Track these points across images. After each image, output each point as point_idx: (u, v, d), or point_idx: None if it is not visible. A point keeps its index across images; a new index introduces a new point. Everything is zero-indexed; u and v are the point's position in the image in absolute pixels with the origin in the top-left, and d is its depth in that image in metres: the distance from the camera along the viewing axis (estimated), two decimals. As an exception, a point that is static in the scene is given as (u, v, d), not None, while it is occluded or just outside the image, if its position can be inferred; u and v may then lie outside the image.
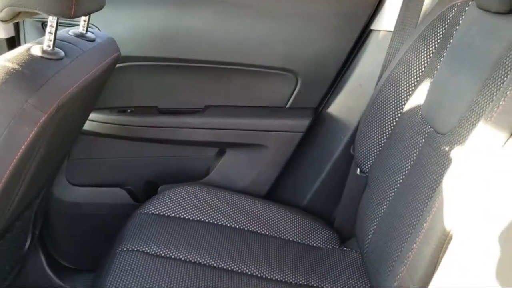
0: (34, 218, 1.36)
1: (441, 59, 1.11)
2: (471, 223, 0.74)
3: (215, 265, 1.18)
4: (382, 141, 1.24)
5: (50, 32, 0.87)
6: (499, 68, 0.88)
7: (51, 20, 0.87)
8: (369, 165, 1.27)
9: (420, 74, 1.17)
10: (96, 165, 1.56)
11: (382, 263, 1.03)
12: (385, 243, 1.05)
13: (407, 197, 1.02)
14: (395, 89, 1.22)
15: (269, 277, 1.18)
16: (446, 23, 1.13)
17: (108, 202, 1.57)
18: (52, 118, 0.82)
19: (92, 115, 1.43)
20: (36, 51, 0.87)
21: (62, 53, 0.90)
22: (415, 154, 1.07)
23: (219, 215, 1.35)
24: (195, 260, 1.18)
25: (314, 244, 1.35)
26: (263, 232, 1.34)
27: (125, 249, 1.16)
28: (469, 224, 0.75)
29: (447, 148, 0.94)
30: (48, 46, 0.88)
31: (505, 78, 0.85)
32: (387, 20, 1.41)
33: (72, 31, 1.06)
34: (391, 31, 1.36)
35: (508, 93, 0.80)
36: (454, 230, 0.79)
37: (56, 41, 0.89)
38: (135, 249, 1.16)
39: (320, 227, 1.40)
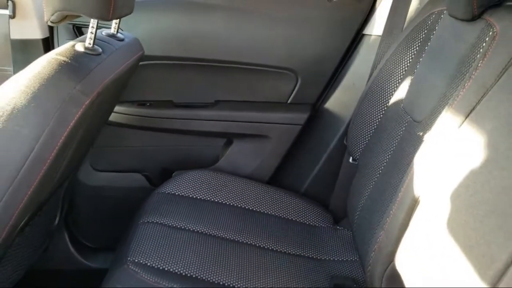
0: (62, 197, 1.54)
1: (420, 59, 1.28)
2: (433, 190, 0.92)
3: (222, 236, 1.35)
4: (371, 132, 1.41)
5: (91, 32, 1.06)
6: (463, 66, 1.06)
7: (93, 22, 1.05)
8: (359, 153, 1.45)
9: (403, 73, 1.34)
10: (117, 153, 1.73)
11: (366, 233, 1.20)
12: (369, 216, 1.22)
13: (388, 175, 1.20)
14: (382, 86, 1.40)
15: (270, 248, 1.35)
16: (425, 28, 1.31)
17: (128, 186, 1.75)
18: (93, 102, 1.00)
19: (115, 107, 1.62)
20: (80, 47, 1.05)
21: (100, 50, 1.09)
22: (396, 140, 1.24)
23: (226, 196, 1.52)
24: (206, 232, 1.35)
25: (311, 223, 1.52)
26: (265, 211, 1.52)
27: (145, 221, 1.34)
28: (431, 191, 0.93)
29: (420, 133, 1.12)
30: (89, 43, 1.06)
31: (466, 74, 1.03)
32: (377, 26, 1.59)
33: (105, 31, 1.24)
34: (380, 36, 1.54)
35: (466, 85, 0.98)
36: (421, 196, 0.97)
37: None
38: (154, 221, 1.34)
39: (317, 209, 1.57)
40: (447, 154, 0.92)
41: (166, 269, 1.16)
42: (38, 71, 0.95)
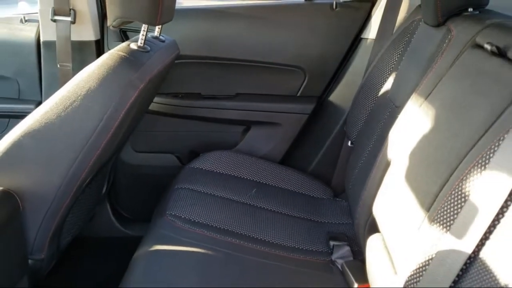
0: (109, 171, 1.86)
1: (403, 58, 1.58)
2: (399, 153, 1.22)
3: (240, 201, 1.65)
4: (364, 118, 1.71)
5: (142, 34, 1.38)
6: (430, 62, 1.35)
7: (144, 27, 1.37)
8: (355, 136, 1.74)
9: (391, 69, 1.64)
10: (153, 136, 2.06)
11: (356, 197, 1.50)
12: (359, 183, 1.52)
13: (374, 151, 1.50)
14: (374, 81, 1.70)
15: (279, 211, 1.65)
16: (408, 33, 1.60)
17: (161, 165, 2.07)
18: (144, 88, 1.33)
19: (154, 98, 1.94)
20: (134, 46, 1.38)
21: (149, 48, 1.41)
22: (382, 123, 1.53)
23: (244, 172, 1.83)
24: (227, 197, 1.65)
25: (314, 195, 1.82)
26: (276, 185, 1.82)
27: (179, 187, 1.66)
28: (398, 154, 1.22)
29: (398, 115, 1.41)
30: (141, 43, 1.39)
31: (433, 68, 1.32)
32: (372, 31, 1.89)
33: (150, 34, 1.57)
34: (374, 39, 1.84)
35: (428, 76, 1.28)
36: (392, 159, 1.27)
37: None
38: (186, 188, 1.66)
39: (320, 184, 1.87)
40: (410, 126, 1.22)
41: (196, 221, 1.47)
42: (105, 63, 1.27)
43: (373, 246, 1.24)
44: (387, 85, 1.61)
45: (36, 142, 1.23)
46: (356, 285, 1.28)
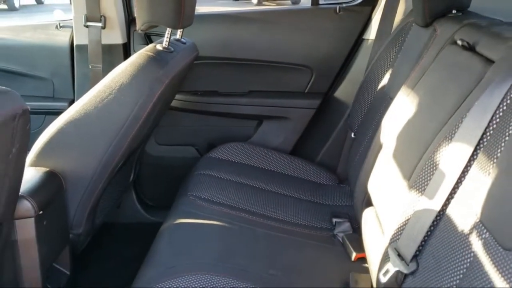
0: (135, 161, 2.07)
1: (398, 56, 1.76)
2: (389, 136, 1.40)
3: (254, 185, 1.84)
4: (364, 111, 1.89)
5: (167, 37, 1.59)
6: (421, 58, 1.54)
7: (168, 30, 1.58)
8: (356, 127, 1.93)
9: (388, 66, 1.82)
10: (175, 131, 2.27)
11: (355, 178, 1.68)
12: (358, 167, 1.70)
13: (371, 137, 1.68)
14: (373, 77, 1.88)
15: (287, 194, 1.83)
16: (403, 34, 1.78)
17: (182, 156, 2.28)
18: (169, 84, 1.53)
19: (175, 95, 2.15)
20: (159, 47, 1.58)
21: (172, 49, 1.61)
22: (379, 114, 1.71)
23: (257, 161, 2.02)
24: (242, 182, 1.84)
25: (320, 182, 2.00)
26: (285, 173, 2.00)
27: (199, 173, 1.86)
28: (389, 137, 1.41)
29: (391, 104, 1.60)
30: (166, 44, 1.59)
31: (419, 63, 1.50)
32: (372, 32, 2.08)
33: (173, 37, 1.77)
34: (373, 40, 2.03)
35: (416, 69, 1.46)
36: (384, 142, 1.45)
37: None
38: (205, 173, 1.85)
39: (326, 172, 2.05)
40: (399, 113, 1.41)
41: (215, 200, 1.67)
42: (135, 61, 1.48)
43: (367, 218, 1.42)
44: (384, 80, 1.79)
45: (77, 130, 1.44)
46: (354, 254, 1.47)
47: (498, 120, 0.95)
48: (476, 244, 0.85)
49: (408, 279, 1.05)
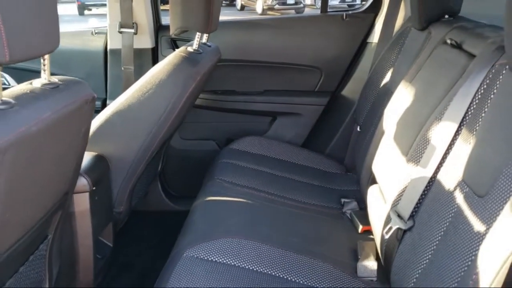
0: (163, 153, 2.29)
1: (399, 56, 1.99)
2: (390, 123, 1.63)
3: (272, 173, 2.06)
4: (369, 106, 2.12)
5: (197, 40, 1.83)
6: (417, 57, 1.77)
7: (198, 34, 1.82)
8: (362, 120, 2.16)
9: (389, 66, 2.05)
10: (197, 126, 2.50)
11: (361, 162, 1.90)
12: (364, 153, 1.92)
13: (375, 128, 1.90)
14: (377, 76, 2.11)
15: (299, 180, 2.05)
16: (403, 37, 2.02)
17: (203, 150, 2.51)
18: (199, 80, 1.76)
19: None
20: (190, 49, 1.82)
21: (201, 51, 1.85)
22: (382, 108, 1.94)
23: (272, 153, 2.24)
24: (261, 169, 2.06)
25: (330, 171, 2.23)
26: (297, 163, 2.23)
27: (222, 161, 2.08)
28: (389, 125, 1.64)
29: (391, 97, 1.82)
30: (196, 47, 1.83)
31: (416, 61, 1.73)
32: (375, 36, 2.32)
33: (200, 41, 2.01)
34: (377, 43, 2.27)
35: (413, 67, 1.69)
36: (386, 128, 1.68)
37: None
38: (227, 162, 2.07)
39: (334, 163, 2.28)
40: (399, 104, 1.64)
41: (238, 183, 1.89)
42: (171, 61, 1.72)
43: (372, 193, 1.65)
44: (387, 78, 2.03)
45: (121, 119, 1.67)
46: (360, 227, 1.69)
47: (477, 101, 1.18)
48: (459, 197, 1.08)
49: (406, 234, 1.27)
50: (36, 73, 1.05)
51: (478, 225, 0.98)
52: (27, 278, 1.28)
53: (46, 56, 1.07)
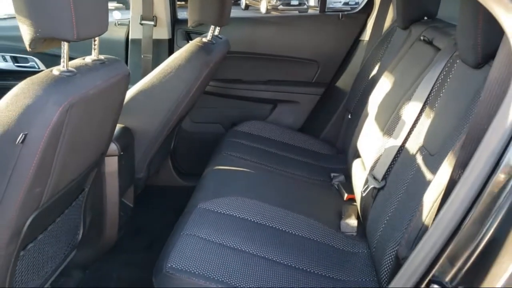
0: (176, 133, 2.58)
1: (385, 52, 2.29)
2: (373, 107, 1.93)
3: (272, 151, 2.36)
4: (358, 95, 2.42)
5: (211, 32, 2.12)
6: (399, 52, 2.06)
7: (212, 27, 2.11)
8: (352, 108, 2.45)
9: (377, 61, 2.34)
10: (206, 111, 2.78)
11: (349, 141, 2.20)
12: (351, 135, 2.21)
13: (362, 113, 2.20)
14: (366, 70, 2.40)
15: (297, 159, 2.34)
16: (390, 36, 2.31)
17: (211, 132, 2.79)
18: (212, 67, 2.05)
19: (208, 82, 2.68)
20: (205, 39, 2.12)
21: (214, 42, 2.14)
22: (369, 96, 2.23)
23: (273, 136, 2.54)
24: (262, 148, 2.36)
25: (323, 152, 2.52)
26: (295, 145, 2.52)
27: (229, 140, 2.37)
28: (372, 108, 1.93)
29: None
30: (210, 38, 2.12)
31: (397, 55, 2.03)
32: (367, 34, 2.62)
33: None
34: (367, 40, 2.57)
35: (394, 59, 1.99)
36: (369, 111, 1.98)
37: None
38: (235, 141, 2.37)
39: (327, 146, 2.57)
40: (380, 90, 1.94)
41: (243, 157, 2.18)
42: (189, 49, 2.01)
43: (355, 165, 1.95)
44: (374, 71, 2.32)
45: (145, 97, 1.95)
46: (346, 195, 1.99)
47: (438, 85, 1.48)
48: (419, 159, 1.38)
49: (379, 193, 1.57)
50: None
51: (428, 175, 1.27)
52: (66, 224, 1.58)
53: (97, 38, 1.36)
